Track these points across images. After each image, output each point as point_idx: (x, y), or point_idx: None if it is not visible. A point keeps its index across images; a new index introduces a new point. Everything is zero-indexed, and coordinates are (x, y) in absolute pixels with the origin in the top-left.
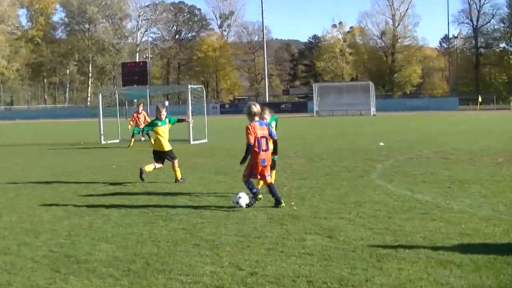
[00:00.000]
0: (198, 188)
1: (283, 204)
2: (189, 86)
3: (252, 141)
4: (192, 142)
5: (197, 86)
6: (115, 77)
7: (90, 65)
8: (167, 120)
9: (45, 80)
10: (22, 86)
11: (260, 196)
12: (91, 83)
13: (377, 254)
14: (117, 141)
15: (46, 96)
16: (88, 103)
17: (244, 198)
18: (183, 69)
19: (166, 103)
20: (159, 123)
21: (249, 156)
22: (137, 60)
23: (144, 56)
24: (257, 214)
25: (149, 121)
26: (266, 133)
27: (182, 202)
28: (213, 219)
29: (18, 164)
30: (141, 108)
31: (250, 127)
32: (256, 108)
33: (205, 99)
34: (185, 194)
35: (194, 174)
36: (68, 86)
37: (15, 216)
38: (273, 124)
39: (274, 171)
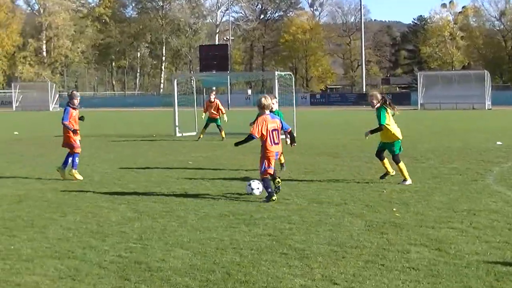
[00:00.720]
0: (285, 189)
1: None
2: (276, 73)
3: (257, 133)
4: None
5: (285, 73)
6: (192, 61)
7: (164, 47)
8: None
9: (113, 64)
10: (87, 70)
11: (274, 197)
12: (164, 67)
13: (496, 272)
14: (194, 133)
15: (114, 82)
16: (161, 90)
17: (256, 184)
18: (269, 53)
19: (249, 91)
20: None
21: (248, 142)
22: (217, 43)
23: (225, 38)
24: (353, 220)
25: (223, 111)
26: (277, 126)
27: (268, 204)
28: (303, 225)
29: (82, 158)
30: (213, 96)
31: (261, 119)
32: (267, 101)
33: (293, 88)
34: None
35: (281, 173)
36: (138, 71)
37: (79, 216)
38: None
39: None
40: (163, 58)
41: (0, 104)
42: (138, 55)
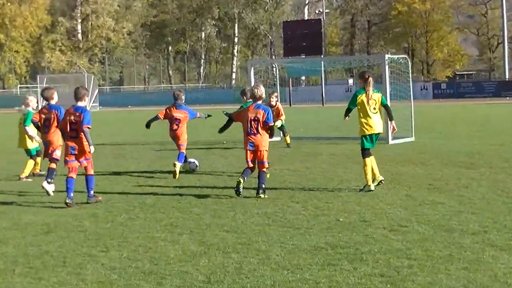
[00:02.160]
0: (401, 212)
1: (262, 195)
2: (386, 56)
3: (234, 116)
4: (391, 141)
5: (398, 56)
6: (273, 43)
7: (236, 25)
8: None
9: (170, 48)
10: (136, 57)
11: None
12: (237, 52)
13: None
14: (278, 139)
15: (171, 72)
16: (233, 82)
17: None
18: (376, 30)
19: (350, 81)
20: None
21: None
22: (306, 18)
23: (317, 12)
24: (496, 254)
25: (283, 117)
26: (258, 116)
27: (378, 233)
28: (428, 262)
29: (129, 171)
30: (274, 99)
31: (246, 108)
32: (260, 91)
33: (410, 75)
34: (382, 219)
35: (395, 191)
36: (203, 57)
37: (127, 251)
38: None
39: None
40: (235, 40)
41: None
42: (203, 36)
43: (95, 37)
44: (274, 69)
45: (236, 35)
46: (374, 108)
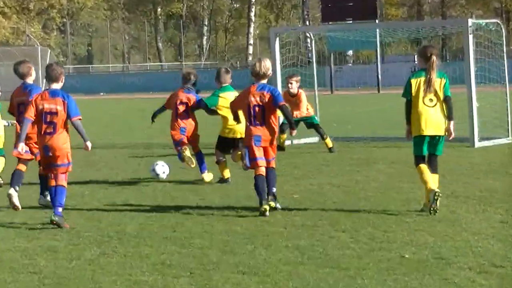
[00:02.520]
0: (494, 246)
1: (272, 203)
2: (470, 21)
3: (233, 106)
4: (478, 143)
5: (487, 21)
6: (306, 2)
7: None
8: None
9: (159, 10)
10: (111, 24)
11: (264, 208)
12: (254, 15)
13: None
14: (314, 140)
15: (160, 44)
16: (249, 58)
17: (160, 166)
18: None
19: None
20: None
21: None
22: None
23: None
24: None
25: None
26: (264, 100)
27: (461, 276)
28: None
29: (102, 185)
30: (295, 84)
31: (244, 90)
32: (262, 66)
33: (504, 48)
34: (466, 255)
35: (485, 215)
36: (206, 22)
37: None
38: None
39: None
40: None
41: None
42: None
43: None
44: (308, 40)
45: None
46: (431, 100)
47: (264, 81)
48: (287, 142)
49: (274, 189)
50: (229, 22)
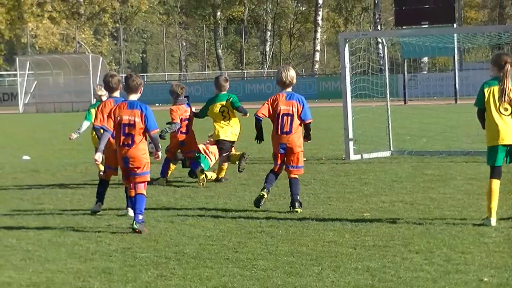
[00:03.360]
0: None
1: (299, 210)
2: None
3: (261, 114)
4: None
5: None
6: (377, 5)
7: None
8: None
9: (218, 14)
10: (167, 29)
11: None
12: (322, 19)
13: None
14: (384, 154)
15: (220, 51)
16: (316, 65)
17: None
18: None
19: None
20: None
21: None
22: None
23: None
24: None
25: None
26: (292, 110)
27: None
28: None
29: (161, 202)
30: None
31: (272, 98)
32: (287, 76)
33: None
34: None
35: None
36: (270, 27)
37: None
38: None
39: None
40: (320, 1)
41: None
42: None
43: None
44: (380, 46)
45: None
46: (506, 109)
47: (289, 90)
48: (357, 157)
49: (298, 197)
50: (294, 27)
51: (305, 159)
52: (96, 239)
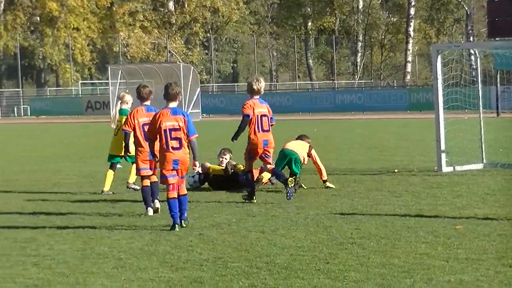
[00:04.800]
0: None
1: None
2: None
3: (248, 112)
4: None
5: None
6: (470, 16)
7: None
8: None
9: (309, 24)
10: (258, 39)
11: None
12: (413, 30)
13: None
14: (477, 166)
15: (311, 61)
16: (407, 76)
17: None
18: None
19: None
20: None
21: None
22: None
23: None
24: None
25: None
26: (267, 112)
27: None
28: None
29: (251, 210)
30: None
31: (249, 103)
32: (258, 84)
33: None
34: None
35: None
36: (361, 38)
37: None
38: None
39: None
40: (411, 11)
41: (87, 109)
42: (360, 4)
43: (195, 7)
44: (473, 57)
45: (412, 3)
46: None
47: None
48: (449, 169)
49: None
50: (385, 38)
51: (396, 170)
52: (187, 248)
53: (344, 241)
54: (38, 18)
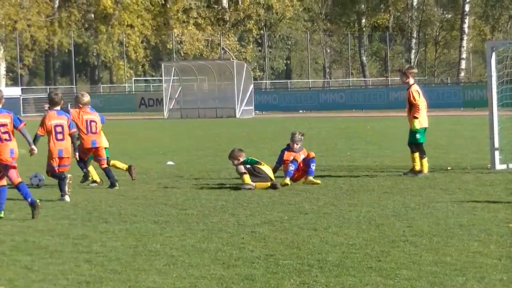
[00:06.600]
0: None
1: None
2: None
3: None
4: None
5: None
6: None
7: None
8: None
9: (363, 21)
10: (311, 36)
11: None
12: (468, 27)
13: None
14: (502, 166)
15: (364, 58)
16: (461, 73)
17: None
18: None
19: None
20: None
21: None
22: None
23: None
24: None
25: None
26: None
27: None
28: None
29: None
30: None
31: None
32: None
33: None
34: None
35: None
36: (415, 35)
37: None
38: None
39: None
40: (466, 8)
41: (141, 106)
42: (414, 1)
43: (249, 4)
44: None
45: (467, 0)
46: None
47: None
48: (503, 167)
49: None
50: (439, 34)
51: (449, 167)
52: (239, 245)
53: (396, 239)
54: (93, 15)
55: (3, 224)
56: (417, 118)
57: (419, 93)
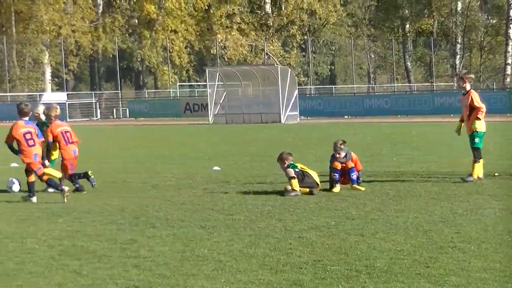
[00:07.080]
0: None
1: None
2: None
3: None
4: None
5: None
6: None
7: None
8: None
9: (407, 26)
10: (355, 41)
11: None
12: None
13: None
14: None
15: (409, 64)
16: (507, 79)
17: (17, 184)
18: None
19: None
20: None
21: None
22: None
23: None
24: None
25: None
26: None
27: None
28: None
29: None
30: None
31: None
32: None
33: None
34: None
35: None
36: (459, 40)
37: None
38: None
39: None
40: (511, 13)
41: (185, 111)
42: (458, 6)
43: (292, 10)
44: None
45: None
46: None
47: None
48: None
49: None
50: (484, 40)
51: (496, 174)
52: (286, 251)
53: (444, 245)
54: (136, 21)
55: (51, 229)
56: (479, 119)
57: (479, 97)
